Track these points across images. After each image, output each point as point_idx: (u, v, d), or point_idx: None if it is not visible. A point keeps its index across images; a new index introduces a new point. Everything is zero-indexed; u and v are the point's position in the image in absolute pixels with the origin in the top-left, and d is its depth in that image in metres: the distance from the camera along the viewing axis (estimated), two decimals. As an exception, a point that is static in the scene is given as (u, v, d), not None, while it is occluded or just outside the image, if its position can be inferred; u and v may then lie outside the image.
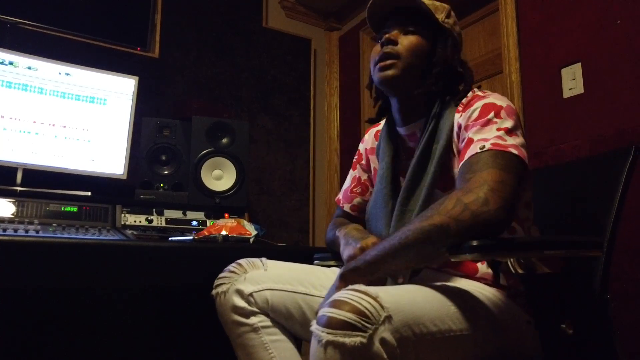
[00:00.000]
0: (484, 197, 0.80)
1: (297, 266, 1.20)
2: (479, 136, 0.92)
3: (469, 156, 0.90)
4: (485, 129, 0.92)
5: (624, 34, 1.57)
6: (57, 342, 1.47)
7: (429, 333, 0.77)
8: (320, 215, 2.79)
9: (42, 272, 1.18)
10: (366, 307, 0.72)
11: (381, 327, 0.71)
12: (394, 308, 0.74)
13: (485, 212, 0.79)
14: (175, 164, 2.04)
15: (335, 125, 2.89)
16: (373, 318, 0.71)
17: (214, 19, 2.59)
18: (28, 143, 1.82)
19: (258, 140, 2.63)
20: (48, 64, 1.88)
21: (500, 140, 0.89)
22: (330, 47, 2.99)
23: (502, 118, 0.93)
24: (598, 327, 0.94)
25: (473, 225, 0.79)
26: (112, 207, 1.80)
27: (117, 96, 1.99)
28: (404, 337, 0.73)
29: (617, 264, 1.48)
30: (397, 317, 0.74)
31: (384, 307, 0.73)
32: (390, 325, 0.72)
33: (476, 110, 0.97)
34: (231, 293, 1.09)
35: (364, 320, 0.71)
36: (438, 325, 0.78)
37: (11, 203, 1.64)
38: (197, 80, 2.49)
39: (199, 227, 1.89)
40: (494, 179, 0.83)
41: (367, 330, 0.70)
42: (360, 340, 0.70)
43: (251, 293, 1.08)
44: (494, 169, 0.84)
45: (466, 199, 0.81)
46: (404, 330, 0.74)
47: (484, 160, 0.87)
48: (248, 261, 1.15)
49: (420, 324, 0.76)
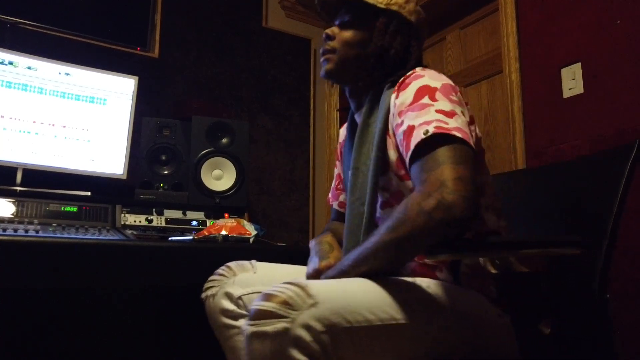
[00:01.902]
0: (446, 202, 0.77)
1: (288, 268, 1.20)
2: (419, 120, 0.87)
3: (415, 144, 0.86)
4: (422, 112, 0.88)
5: (624, 34, 1.57)
6: (57, 342, 1.47)
7: (366, 321, 0.76)
8: (320, 215, 2.79)
9: (42, 272, 1.18)
10: (291, 295, 0.73)
11: (305, 313, 0.72)
12: (322, 296, 0.74)
13: (451, 217, 0.76)
14: (175, 164, 2.04)
15: (335, 125, 2.89)
16: (296, 305, 0.72)
17: (214, 19, 2.59)
18: (28, 143, 1.82)
19: (258, 140, 2.63)
20: (48, 64, 1.88)
21: (441, 123, 0.85)
22: (330, 47, 2.98)
23: (437, 100, 0.89)
24: (596, 327, 0.93)
25: (440, 231, 0.78)
26: (112, 207, 1.80)
27: (117, 96, 1.99)
28: (334, 324, 0.73)
29: (617, 264, 1.48)
30: (325, 304, 0.74)
31: (311, 295, 0.73)
32: (316, 311, 0.72)
33: (410, 95, 0.93)
34: (220, 296, 1.10)
35: (287, 307, 0.72)
36: (376, 314, 0.77)
37: (11, 203, 1.64)
38: (197, 80, 2.49)
39: (199, 227, 1.89)
40: (450, 177, 0.79)
41: (289, 316, 0.71)
42: (283, 325, 0.71)
43: (240, 296, 1.08)
44: (447, 164, 0.81)
45: (427, 205, 0.78)
46: (334, 317, 0.73)
47: (435, 156, 0.83)
48: (237, 264, 1.16)
49: (355, 312, 0.76)
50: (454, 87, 0.95)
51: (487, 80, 2.28)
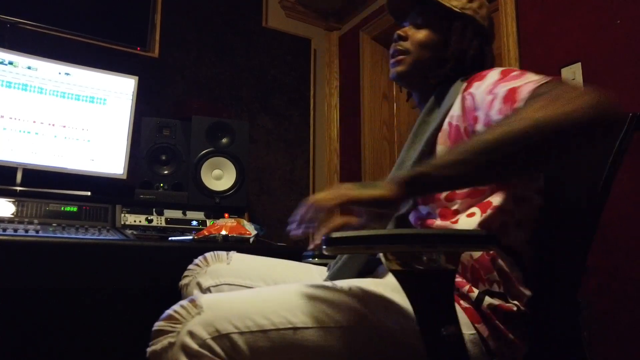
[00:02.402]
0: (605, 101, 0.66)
1: (266, 261, 1.18)
2: (521, 82, 0.80)
3: (533, 88, 0.76)
4: (521, 78, 0.82)
5: (624, 34, 1.57)
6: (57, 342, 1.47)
7: (257, 325, 0.74)
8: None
9: (42, 272, 1.18)
10: (179, 311, 0.73)
11: (190, 323, 0.72)
12: (210, 305, 0.74)
13: (610, 115, 0.66)
14: (175, 164, 2.04)
15: (335, 125, 2.89)
16: (182, 318, 0.72)
17: (214, 19, 2.59)
18: (28, 143, 1.82)
19: (258, 140, 2.63)
20: (48, 64, 1.88)
21: (548, 77, 0.78)
22: (330, 47, 2.99)
23: (526, 73, 0.84)
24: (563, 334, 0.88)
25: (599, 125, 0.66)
26: (112, 207, 1.80)
27: (117, 96, 1.99)
28: (221, 330, 0.72)
29: (618, 264, 1.48)
30: (212, 311, 0.73)
31: (197, 306, 0.73)
32: (200, 319, 0.72)
33: (496, 74, 0.87)
34: (192, 286, 1.11)
35: (173, 322, 0.72)
36: (270, 319, 0.75)
37: (11, 203, 1.64)
38: (197, 80, 2.49)
39: (199, 227, 1.89)
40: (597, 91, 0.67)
41: (174, 330, 0.71)
42: (169, 340, 0.71)
43: (209, 287, 1.09)
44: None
45: (589, 96, 0.66)
46: (220, 323, 0.72)
47: (566, 84, 0.73)
48: (214, 254, 1.16)
49: (244, 318, 0.74)
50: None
51: (487, 80, 2.28)
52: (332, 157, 2.86)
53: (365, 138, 2.66)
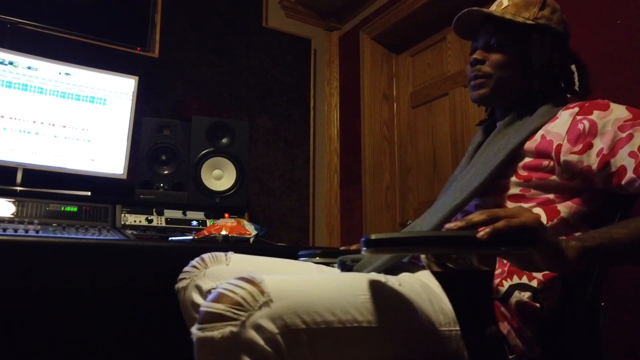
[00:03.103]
0: None
1: (265, 260, 1.16)
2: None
3: None
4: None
5: (624, 33, 1.57)
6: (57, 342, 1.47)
7: (325, 322, 0.71)
8: (320, 215, 2.79)
9: (42, 272, 1.18)
10: (242, 295, 0.68)
11: (256, 313, 0.67)
12: (278, 294, 0.69)
13: None
14: (175, 164, 2.04)
15: (335, 125, 2.89)
16: (248, 305, 0.67)
17: (214, 19, 2.59)
18: (28, 143, 1.82)
19: (258, 140, 2.63)
20: (48, 64, 1.88)
21: None
22: (330, 47, 2.99)
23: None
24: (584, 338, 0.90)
25: None
26: (112, 207, 1.80)
27: (117, 96, 1.99)
28: (289, 324, 0.68)
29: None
30: (280, 302, 0.68)
31: (264, 293, 0.68)
32: (268, 310, 0.67)
33: (621, 112, 0.90)
34: (191, 289, 1.08)
35: (236, 309, 0.66)
36: (337, 315, 0.72)
37: (11, 203, 1.64)
38: (197, 80, 2.49)
39: (199, 227, 1.89)
40: None
41: (238, 318, 0.66)
42: (231, 329, 0.65)
43: (209, 289, 1.04)
44: None
45: None
46: (289, 317, 0.68)
47: None
48: (211, 255, 1.12)
49: (313, 312, 0.70)
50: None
51: (487, 80, 2.28)
52: (332, 157, 2.86)
53: (365, 138, 2.66)
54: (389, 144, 2.72)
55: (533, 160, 0.94)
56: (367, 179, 2.61)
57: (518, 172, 0.95)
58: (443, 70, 2.48)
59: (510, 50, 1.03)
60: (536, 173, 0.94)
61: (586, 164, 0.88)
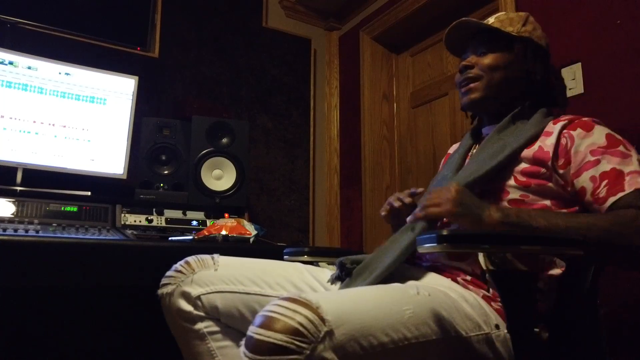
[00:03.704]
0: None
1: (254, 262, 1.11)
2: (628, 168, 0.92)
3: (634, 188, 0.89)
4: (627, 160, 0.93)
5: (624, 34, 1.57)
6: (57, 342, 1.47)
7: (380, 344, 0.69)
8: (320, 215, 2.79)
9: (42, 272, 1.18)
10: (302, 322, 0.63)
11: (320, 346, 0.63)
12: (337, 320, 0.66)
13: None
14: (175, 164, 2.04)
15: (335, 125, 2.89)
16: (311, 336, 0.63)
17: (214, 19, 2.59)
18: (28, 143, 1.82)
19: (258, 140, 2.63)
20: (48, 64, 1.88)
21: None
22: (330, 47, 2.99)
23: (632, 148, 0.95)
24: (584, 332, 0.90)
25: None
26: (112, 207, 1.80)
27: (117, 96, 1.99)
28: (350, 353, 0.66)
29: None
30: (341, 330, 0.66)
31: (325, 321, 0.65)
32: (331, 342, 0.64)
33: (601, 137, 0.96)
34: (177, 295, 1.02)
35: (299, 340, 0.62)
36: (390, 335, 0.71)
37: (11, 203, 1.64)
38: (197, 80, 2.49)
39: (199, 227, 1.89)
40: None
41: (303, 351, 0.62)
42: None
43: (198, 296, 1.01)
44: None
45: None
46: (350, 345, 0.66)
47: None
48: (197, 259, 1.07)
49: (370, 335, 0.68)
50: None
51: (487, 80, 2.28)
52: (332, 157, 2.86)
53: (365, 138, 2.66)
54: (389, 144, 2.72)
55: (531, 167, 0.97)
56: (367, 179, 2.61)
57: (517, 177, 0.98)
58: (443, 70, 2.48)
59: (498, 54, 1.09)
60: (535, 179, 0.97)
61: (562, 181, 0.96)
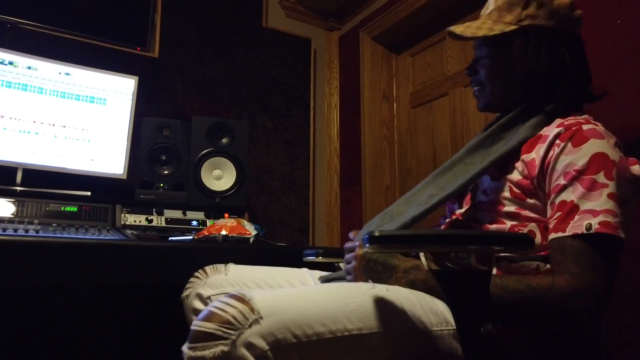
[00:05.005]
0: (589, 312, 0.79)
1: (262, 269, 1.22)
2: (587, 205, 0.82)
3: (573, 233, 0.82)
4: (593, 194, 0.82)
5: (624, 34, 1.57)
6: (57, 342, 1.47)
7: (315, 334, 0.71)
8: (320, 215, 2.79)
9: (42, 272, 1.18)
10: (232, 314, 0.68)
11: (247, 331, 0.67)
12: (268, 310, 0.70)
13: (585, 318, 0.81)
14: (175, 164, 2.04)
15: (335, 125, 2.89)
16: (238, 323, 0.67)
17: (214, 19, 2.59)
18: (28, 143, 1.82)
19: (258, 140, 2.63)
20: (48, 64, 1.88)
21: (610, 217, 0.81)
22: (330, 47, 2.99)
23: (613, 179, 0.82)
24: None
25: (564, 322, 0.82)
26: (112, 207, 1.80)
27: (117, 96, 1.99)
28: (281, 340, 0.69)
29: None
30: (271, 319, 0.69)
31: (255, 310, 0.69)
32: (259, 328, 0.68)
33: (584, 158, 0.85)
34: (192, 297, 1.16)
35: (227, 327, 0.67)
36: (328, 326, 0.73)
37: (11, 203, 1.64)
38: (197, 80, 2.49)
39: (199, 227, 1.89)
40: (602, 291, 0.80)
41: (229, 337, 0.66)
42: (222, 349, 0.66)
43: (209, 296, 1.13)
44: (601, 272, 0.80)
45: (573, 306, 0.78)
46: (280, 332, 0.69)
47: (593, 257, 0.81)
48: (212, 267, 1.21)
49: (304, 325, 0.71)
50: (626, 160, 0.89)
51: (487, 80, 2.27)
52: (332, 157, 2.86)
53: (365, 138, 2.66)
54: (389, 144, 2.72)
55: (523, 179, 0.93)
56: (367, 179, 2.61)
57: (512, 189, 0.94)
58: (443, 70, 2.48)
59: (494, 60, 1.03)
60: (525, 193, 0.92)
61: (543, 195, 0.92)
